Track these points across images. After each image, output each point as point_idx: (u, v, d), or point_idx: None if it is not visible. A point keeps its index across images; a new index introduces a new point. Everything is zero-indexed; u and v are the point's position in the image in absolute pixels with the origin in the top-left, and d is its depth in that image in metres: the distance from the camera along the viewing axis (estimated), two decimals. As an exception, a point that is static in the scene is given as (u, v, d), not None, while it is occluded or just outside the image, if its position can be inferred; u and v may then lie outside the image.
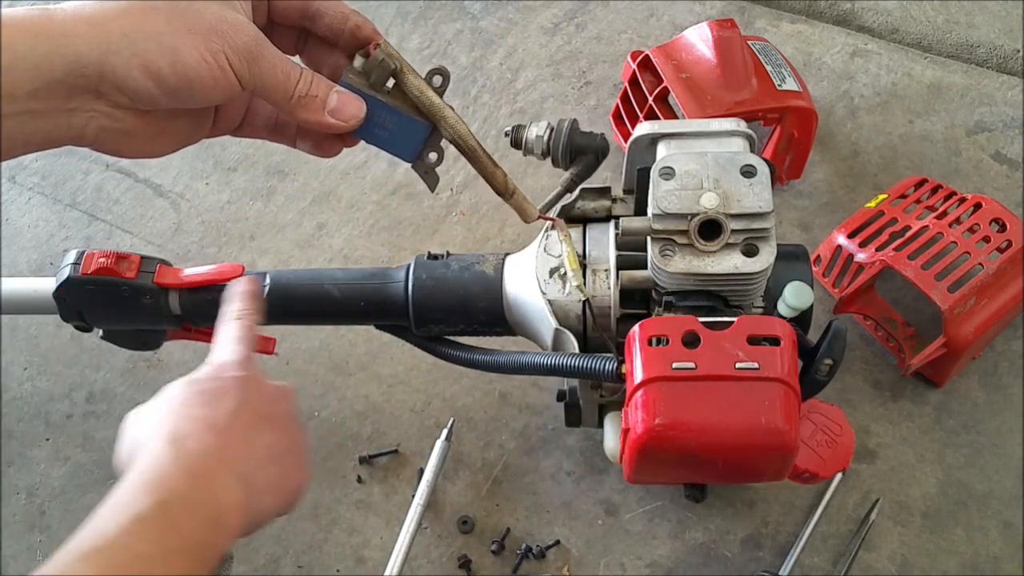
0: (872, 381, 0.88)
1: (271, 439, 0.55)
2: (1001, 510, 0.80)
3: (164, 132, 0.56)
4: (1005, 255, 0.83)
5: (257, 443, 0.54)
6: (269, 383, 0.58)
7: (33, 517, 0.86)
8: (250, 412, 0.55)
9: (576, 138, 0.69)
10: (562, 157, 0.69)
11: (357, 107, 0.58)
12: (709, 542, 0.80)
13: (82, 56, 0.49)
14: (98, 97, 0.51)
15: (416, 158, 0.63)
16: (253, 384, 0.57)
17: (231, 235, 1.03)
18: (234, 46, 0.52)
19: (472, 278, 0.74)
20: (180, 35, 0.51)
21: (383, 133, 0.61)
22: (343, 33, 0.59)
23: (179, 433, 0.51)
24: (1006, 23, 1.12)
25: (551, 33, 1.18)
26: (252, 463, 0.53)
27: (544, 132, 0.69)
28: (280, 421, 0.57)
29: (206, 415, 0.53)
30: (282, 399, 0.59)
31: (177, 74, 0.51)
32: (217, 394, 0.55)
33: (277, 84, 0.55)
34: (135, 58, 0.50)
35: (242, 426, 0.54)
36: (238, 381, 0.56)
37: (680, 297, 0.65)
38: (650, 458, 0.61)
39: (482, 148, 0.63)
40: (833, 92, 1.09)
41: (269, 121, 0.64)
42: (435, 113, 0.61)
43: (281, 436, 0.56)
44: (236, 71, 0.53)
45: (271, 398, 0.57)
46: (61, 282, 0.74)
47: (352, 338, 0.94)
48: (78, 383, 0.93)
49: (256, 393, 0.56)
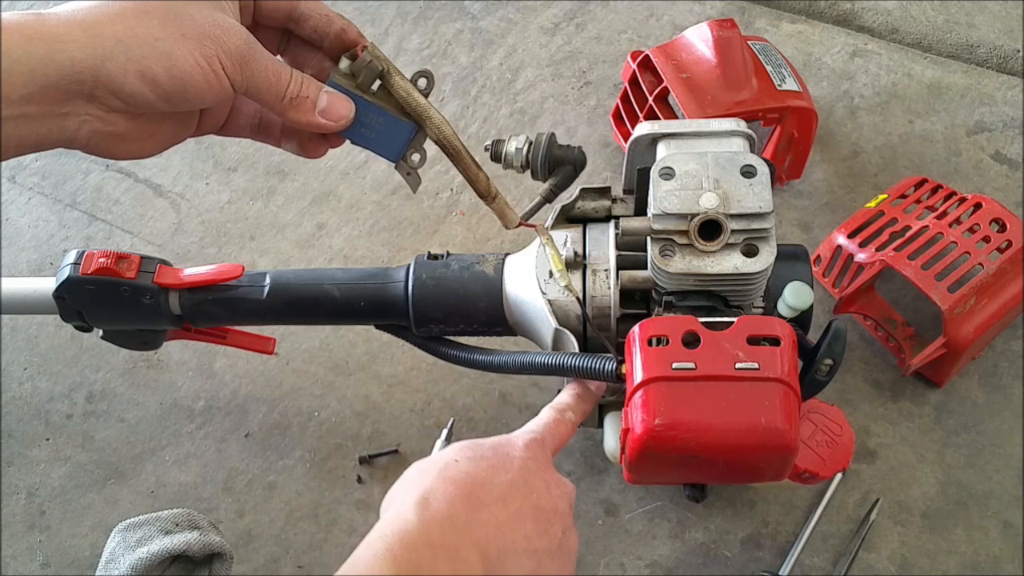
0: (872, 381, 0.88)
1: (534, 531, 0.52)
2: (1001, 510, 0.80)
3: (154, 134, 0.57)
4: (1005, 255, 0.83)
5: (516, 529, 0.51)
6: (554, 474, 0.55)
7: (33, 517, 0.86)
8: (521, 496, 0.52)
9: (554, 150, 0.70)
10: (541, 169, 0.70)
11: (346, 108, 0.59)
12: (709, 542, 0.80)
13: (77, 62, 0.49)
14: (91, 101, 0.51)
15: (400, 158, 0.64)
16: (536, 469, 0.54)
17: (231, 235, 1.03)
18: (227, 50, 0.52)
19: (472, 278, 0.74)
20: (174, 40, 0.51)
21: (369, 133, 0.62)
22: (328, 36, 0.59)
23: (431, 494, 0.49)
24: (1006, 23, 1.12)
25: (551, 33, 1.18)
26: (502, 546, 0.50)
27: (523, 145, 0.70)
28: (550, 517, 0.53)
29: (471, 483, 0.50)
30: (562, 496, 0.55)
31: (173, 79, 0.51)
32: (495, 465, 0.52)
33: (269, 86, 0.55)
34: (131, 64, 0.50)
35: (504, 505, 0.51)
36: (522, 462, 0.53)
37: (680, 297, 0.65)
38: (650, 458, 0.61)
39: (466, 150, 0.64)
40: (833, 92, 1.09)
41: (253, 120, 0.64)
42: (421, 114, 0.61)
43: (546, 532, 0.52)
44: (229, 75, 0.53)
45: (549, 490, 0.54)
46: (61, 282, 0.74)
47: (352, 338, 0.94)
48: (78, 383, 0.93)
49: (535, 479, 0.53)
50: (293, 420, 0.90)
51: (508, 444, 0.55)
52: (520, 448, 0.55)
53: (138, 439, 0.90)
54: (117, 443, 0.90)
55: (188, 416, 0.91)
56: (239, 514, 0.85)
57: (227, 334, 0.82)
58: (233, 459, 0.88)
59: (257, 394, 0.92)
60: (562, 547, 0.54)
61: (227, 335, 0.82)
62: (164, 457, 0.88)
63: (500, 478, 0.52)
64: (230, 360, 0.93)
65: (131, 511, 0.84)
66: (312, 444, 0.88)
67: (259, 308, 0.77)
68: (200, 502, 0.85)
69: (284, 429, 0.89)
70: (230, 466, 0.87)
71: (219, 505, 0.85)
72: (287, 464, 0.87)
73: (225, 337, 0.82)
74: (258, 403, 0.91)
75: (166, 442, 0.89)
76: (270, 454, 0.88)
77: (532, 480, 0.53)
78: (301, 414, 0.90)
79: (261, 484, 0.86)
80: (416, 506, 0.49)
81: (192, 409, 0.91)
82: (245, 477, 0.87)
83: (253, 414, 0.90)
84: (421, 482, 0.51)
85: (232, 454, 0.88)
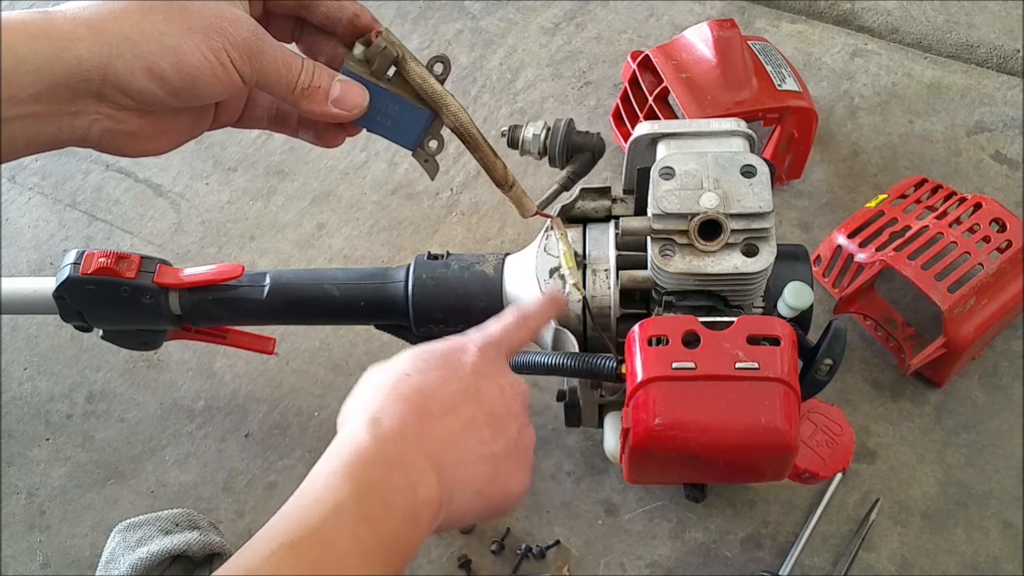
0: (872, 381, 0.88)
1: (489, 435, 0.52)
2: (1001, 510, 0.80)
3: (167, 130, 0.56)
4: (1005, 255, 0.83)
5: (469, 436, 0.51)
6: (507, 376, 0.56)
7: (33, 517, 0.86)
8: (473, 404, 0.52)
9: (573, 137, 0.69)
10: (559, 155, 0.69)
11: (360, 95, 0.58)
12: (709, 542, 0.80)
13: (83, 60, 0.49)
14: (100, 100, 0.51)
15: (417, 146, 0.63)
16: (489, 374, 0.54)
17: (231, 235, 1.03)
18: (235, 42, 0.52)
19: (472, 278, 0.74)
20: (180, 35, 0.50)
21: (385, 121, 0.61)
22: (340, 22, 0.58)
23: (383, 413, 0.50)
24: (1006, 23, 1.12)
25: (551, 33, 1.18)
26: (456, 455, 0.51)
27: (541, 131, 0.69)
28: (504, 419, 0.54)
29: (421, 397, 0.51)
30: (515, 397, 0.56)
31: (180, 74, 0.51)
32: (445, 376, 0.52)
33: (279, 78, 0.55)
34: (137, 60, 0.50)
35: (455, 416, 0.51)
36: (474, 367, 0.54)
37: (680, 297, 0.65)
38: (650, 458, 0.61)
39: (483, 137, 0.63)
40: (833, 92, 1.09)
41: (269, 112, 0.63)
42: (437, 100, 0.60)
43: (501, 434, 0.53)
44: (238, 68, 0.53)
45: (502, 393, 0.55)
46: (61, 282, 0.74)
47: (352, 338, 0.94)
48: (78, 383, 0.93)
49: (488, 384, 0.54)
50: (293, 420, 0.90)
51: (460, 349, 0.55)
52: (472, 353, 0.55)
53: (138, 439, 0.90)
54: (117, 443, 0.89)
55: (188, 416, 0.91)
56: (239, 514, 0.85)
57: (227, 334, 0.82)
58: (233, 459, 0.88)
59: (257, 394, 0.92)
60: (518, 446, 0.55)
61: (227, 335, 0.82)
62: (164, 457, 0.88)
63: (450, 388, 0.52)
64: (230, 360, 0.93)
65: (131, 511, 0.84)
66: (312, 444, 0.88)
67: (259, 308, 0.77)
68: (200, 502, 0.85)
69: (284, 429, 0.89)
70: (230, 466, 0.87)
71: (219, 505, 0.85)
72: (287, 464, 0.87)
73: (225, 337, 0.82)
74: (258, 403, 0.91)
75: (166, 442, 0.89)
76: (270, 454, 0.88)
77: (484, 386, 0.54)
78: (301, 414, 0.90)
79: (261, 484, 0.86)
80: (368, 425, 0.49)
81: (192, 409, 0.91)
82: (245, 477, 0.87)
83: (253, 414, 0.90)
84: (374, 400, 0.51)
85: (232, 454, 0.88)
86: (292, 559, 0.43)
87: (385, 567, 0.46)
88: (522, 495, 0.55)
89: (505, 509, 0.54)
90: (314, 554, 0.43)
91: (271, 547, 0.43)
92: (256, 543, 0.44)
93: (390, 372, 0.53)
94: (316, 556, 0.43)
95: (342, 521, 0.45)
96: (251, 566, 0.43)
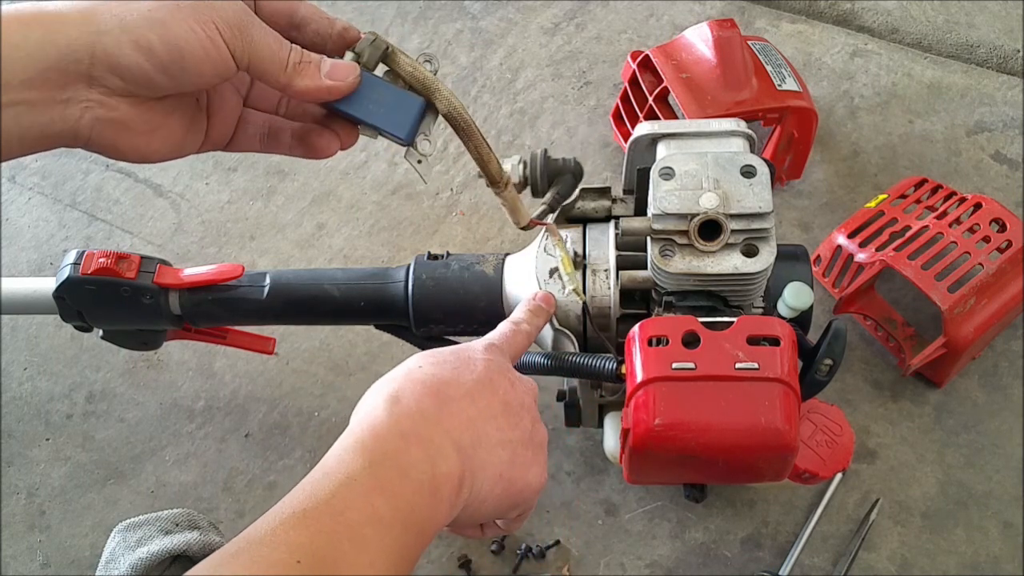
0: (872, 381, 0.88)
1: (505, 423, 0.53)
2: (1001, 510, 0.80)
3: (159, 126, 0.56)
4: (1005, 255, 0.83)
5: (487, 422, 0.52)
6: (516, 374, 0.57)
7: (33, 517, 0.86)
8: (488, 393, 0.53)
9: (551, 164, 0.69)
10: (541, 183, 0.69)
11: (351, 68, 0.58)
12: (709, 542, 0.80)
13: (73, 41, 0.49)
14: (91, 85, 0.51)
15: (413, 136, 0.62)
16: (498, 369, 0.55)
17: (231, 235, 1.03)
18: (224, 16, 0.52)
19: (472, 278, 0.74)
20: (169, 9, 0.51)
21: (379, 109, 0.60)
22: (331, 37, 0.59)
23: (400, 393, 0.50)
24: (1006, 23, 1.12)
25: (551, 33, 1.18)
26: (475, 436, 0.51)
27: (518, 163, 0.69)
28: (518, 410, 0.55)
29: (437, 382, 0.51)
30: (527, 392, 0.57)
31: (168, 45, 0.51)
32: (458, 367, 0.53)
33: (272, 53, 0.55)
34: (125, 35, 0.50)
35: (472, 401, 0.52)
36: (485, 363, 0.54)
37: (680, 297, 0.65)
38: (650, 458, 0.61)
39: (476, 127, 0.62)
40: (833, 92, 1.09)
41: (262, 130, 0.64)
42: (429, 86, 0.60)
43: (516, 425, 0.54)
44: (228, 42, 0.53)
45: (513, 387, 0.55)
46: (61, 282, 0.74)
47: (352, 338, 0.94)
48: (78, 383, 0.93)
49: (499, 377, 0.54)
50: (293, 420, 0.90)
51: (468, 349, 0.56)
52: (480, 351, 0.56)
53: (138, 439, 0.90)
54: (117, 443, 0.90)
55: (188, 416, 0.91)
56: (239, 514, 0.85)
57: (227, 334, 0.82)
58: (233, 459, 0.88)
59: (257, 394, 0.92)
60: (533, 438, 0.55)
61: (227, 335, 0.82)
62: (164, 457, 0.88)
63: (465, 377, 0.53)
64: (230, 360, 0.93)
65: (131, 511, 0.84)
66: (312, 444, 0.88)
67: (259, 308, 0.77)
68: (200, 502, 0.85)
69: (284, 429, 0.89)
70: (230, 466, 0.87)
71: (219, 505, 0.85)
72: (287, 464, 0.87)
73: (225, 337, 0.82)
74: (258, 403, 0.91)
75: (166, 442, 0.89)
76: (270, 454, 0.88)
77: (496, 378, 0.54)
78: (301, 414, 0.90)
79: (261, 484, 0.86)
80: (386, 403, 0.50)
81: (192, 409, 0.91)
82: (245, 477, 0.87)
83: (253, 414, 0.90)
84: (390, 384, 0.52)
85: (232, 454, 0.88)
86: (301, 528, 0.43)
87: (403, 539, 0.45)
88: (540, 490, 0.55)
89: (524, 501, 0.55)
90: (323, 523, 0.43)
91: (281, 517, 0.44)
92: (267, 515, 0.44)
93: (402, 367, 0.54)
94: (326, 525, 0.43)
95: (354, 492, 0.45)
96: (260, 535, 0.43)
